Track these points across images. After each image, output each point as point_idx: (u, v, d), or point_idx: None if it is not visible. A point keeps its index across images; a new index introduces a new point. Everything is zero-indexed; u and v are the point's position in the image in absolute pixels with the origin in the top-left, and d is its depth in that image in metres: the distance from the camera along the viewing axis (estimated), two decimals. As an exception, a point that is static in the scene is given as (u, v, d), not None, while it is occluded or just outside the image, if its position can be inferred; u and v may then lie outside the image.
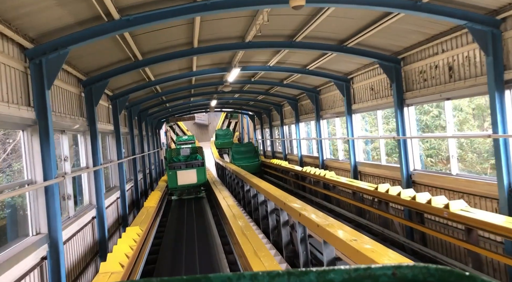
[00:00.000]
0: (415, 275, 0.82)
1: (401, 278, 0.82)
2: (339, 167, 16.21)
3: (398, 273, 0.82)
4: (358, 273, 0.83)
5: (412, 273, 0.82)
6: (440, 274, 0.81)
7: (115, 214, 12.85)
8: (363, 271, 0.83)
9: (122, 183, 13.53)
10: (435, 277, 0.81)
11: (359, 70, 13.29)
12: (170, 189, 18.35)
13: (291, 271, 0.84)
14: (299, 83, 17.65)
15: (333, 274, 0.83)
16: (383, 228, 10.52)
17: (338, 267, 0.85)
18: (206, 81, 17.36)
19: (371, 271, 0.83)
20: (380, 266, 0.84)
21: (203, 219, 14.45)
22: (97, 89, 10.14)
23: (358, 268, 0.84)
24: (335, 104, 16.09)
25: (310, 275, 0.83)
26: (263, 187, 12.16)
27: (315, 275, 0.83)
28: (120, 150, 13.52)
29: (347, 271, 0.84)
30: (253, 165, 23.68)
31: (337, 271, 0.83)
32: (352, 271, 0.83)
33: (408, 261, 3.39)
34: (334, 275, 0.83)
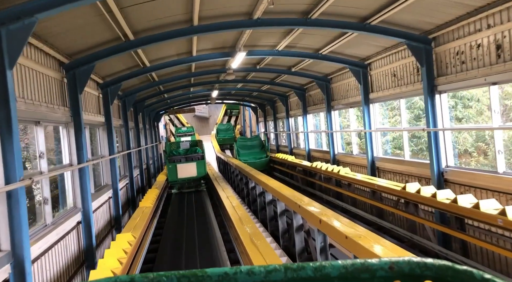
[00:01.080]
0: (412, 269, 0.82)
1: (398, 272, 0.82)
2: (353, 162, 14.83)
3: (395, 267, 0.82)
4: (355, 267, 0.83)
5: (409, 267, 0.82)
6: (437, 268, 0.81)
7: (106, 216, 11.50)
8: (360, 265, 0.83)
9: (115, 180, 12.17)
10: (432, 271, 0.81)
11: (378, 54, 11.85)
12: (170, 182, 18.07)
13: (288, 265, 0.84)
14: (309, 71, 16.22)
15: (329, 268, 0.83)
16: (411, 233, 9.17)
17: (335, 262, 0.84)
18: (207, 68, 15.93)
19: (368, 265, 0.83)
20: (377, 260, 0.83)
21: (204, 220, 13.11)
22: (82, 74, 8.74)
23: (355, 262, 0.83)
24: (348, 94, 14.68)
25: (307, 269, 0.83)
26: (272, 186, 10.83)
27: (311, 270, 0.83)
28: (112, 144, 12.14)
29: (344, 265, 0.83)
30: (260, 162, 21.61)
31: (333, 266, 0.83)
32: (349, 265, 0.83)
33: None
34: (331, 269, 0.83)
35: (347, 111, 15.55)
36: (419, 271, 0.82)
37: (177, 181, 17.87)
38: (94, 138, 12.05)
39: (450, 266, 0.81)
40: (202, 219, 13.34)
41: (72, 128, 8.68)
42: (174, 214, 14.61)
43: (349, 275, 0.83)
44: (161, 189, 16.67)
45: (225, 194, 13.39)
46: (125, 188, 14.96)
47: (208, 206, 15.71)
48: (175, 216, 14.29)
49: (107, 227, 11.51)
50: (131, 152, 15.60)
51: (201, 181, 18.32)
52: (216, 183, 16.60)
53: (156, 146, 29.10)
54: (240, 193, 17.58)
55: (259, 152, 22.71)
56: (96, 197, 10.42)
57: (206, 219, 13.26)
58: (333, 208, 12.56)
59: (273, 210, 12.25)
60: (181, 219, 13.70)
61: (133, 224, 9.98)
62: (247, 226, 9.04)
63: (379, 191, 10.64)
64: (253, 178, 14.06)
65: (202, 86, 21.37)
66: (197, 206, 15.74)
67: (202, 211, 14.40)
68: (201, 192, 18.37)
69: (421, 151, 20.82)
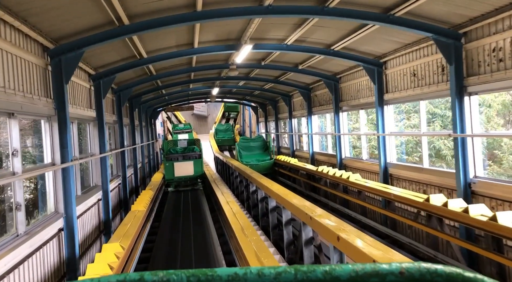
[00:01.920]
0: (423, 274, 0.82)
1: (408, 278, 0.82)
2: (362, 167, 13.85)
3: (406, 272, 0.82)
4: (365, 271, 0.83)
5: (420, 272, 0.82)
6: (448, 275, 0.81)
7: (94, 220, 10.47)
8: (370, 269, 0.83)
9: (105, 181, 11.13)
10: (443, 277, 0.81)
11: (397, 51, 10.87)
12: (166, 180, 17.92)
13: (298, 267, 0.85)
14: (316, 69, 15.23)
15: (340, 272, 0.83)
16: (434, 250, 8.18)
17: (345, 265, 0.85)
18: (208, 63, 14.92)
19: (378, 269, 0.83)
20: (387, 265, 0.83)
21: (202, 228, 12.09)
22: (69, 62, 7.70)
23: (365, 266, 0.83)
24: (360, 94, 13.69)
25: (317, 271, 0.83)
26: (277, 192, 9.85)
27: (322, 272, 0.83)
28: (103, 141, 11.10)
29: (354, 269, 0.83)
30: (264, 164, 19.94)
31: (344, 269, 0.83)
32: (359, 269, 0.83)
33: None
34: (341, 272, 0.83)
35: (355, 113, 14.57)
36: (429, 277, 0.82)
37: (174, 179, 17.66)
38: (84, 134, 11.02)
39: (461, 273, 0.80)
40: (199, 225, 12.32)
41: (56, 123, 7.64)
42: (169, 218, 13.60)
43: (359, 279, 0.82)
44: (156, 190, 15.64)
45: (225, 199, 12.38)
46: (117, 189, 13.93)
47: (206, 208, 14.73)
48: (170, 220, 13.28)
49: (95, 232, 10.47)
50: (124, 150, 14.57)
51: (198, 180, 18.09)
52: (214, 185, 15.59)
53: (153, 144, 28.05)
54: (239, 195, 16.62)
55: (262, 154, 21.10)
56: (83, 199, 9.39)
57: (204, 225, 12.25)
58: (341, 217, 11.57)
59: (276, 217, 11.31)
60: (177, 224, 12.68)
61: (123, 231, 8.96)
62: (250, 238, 8.04)
63: (395, 201, 9.65)
64: (254, 181, 13.08)
65: (202, 83, 20.35)
66: (194, 210, 14.75)
67: (199, 216, 13.38)
68: (197, 190, 17.86)
69: (429, 157, 19.85)
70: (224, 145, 35.08)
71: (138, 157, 19.56)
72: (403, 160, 13.31)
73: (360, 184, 11.35)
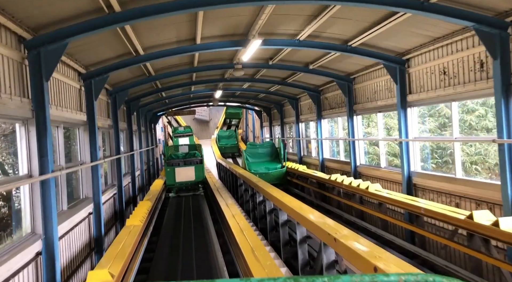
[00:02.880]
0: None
1: None
2: (380, 176, 12.63)
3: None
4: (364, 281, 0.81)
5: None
6: None
7: (84, 238, 9.27)
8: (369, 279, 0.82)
9: (97, 192, 9.95)
10: None
11: (423, 47, 9.70)
12: (168, 186, 17.75)
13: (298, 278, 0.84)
14: (328, 69, 14.06)
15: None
16: (480, 278, 6.96)
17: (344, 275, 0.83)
18: (211, 63, 13.76)
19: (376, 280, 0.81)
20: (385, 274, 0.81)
21: (205, 241, 10.88)
22: (50, 55, 6.54)
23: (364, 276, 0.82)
24: (377, 96, 12.51)
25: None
26: (289, 205, 8.72)
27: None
28: (95, 148, 9.93)
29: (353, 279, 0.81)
30: (275, 173, 17.27)
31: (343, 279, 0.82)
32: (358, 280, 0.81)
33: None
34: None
35: (366, 117, 13.39)
36: None
37: (175, 184, 17.54)
38: (73, 141, 9.86)
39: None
40: (202, 239, 11.11)
41: (34, 127, 6.46)
42: (169, 232, 12.38)
43: None
44: (155, 200, 14.43)
45: (230, 211, 11.16)
46: (112, 200, 12.74)
47: (208, 219, 13.53)
48: (169, 235, 12.06)
49: (85, 250, 9.27)
50: (120, 157, 13.39)
51: (199, 185, 17.93)
52: (217, 194, 14.38)
53: (153, 149, 26.90)
54: (244, 204, 15.47)
55: (272, 161, 18.27)
56: (70, 215, 8.20)
57: (207, 240, 11.03)
58: (357, 230, 10.39)
59: (287, 232, 10.13)
60: (177, 238, 11.46)
61: (115, 250, 7.73)
62: (263, 262, 6.82)
63: (426, 216, 8.44)
64: (261, 190, 11.97)
65: (204, 85, 19.21)
66: (195, 220, 13.54)
67: (201, 229, 12.15)
68: (198, 196, 17.27)
69: (445, 164, 18.62)
70: (227, 152, 33.27)
71: (136, 163, 18.38)
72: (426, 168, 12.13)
73: (381, 195, 10.14)
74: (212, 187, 17.06)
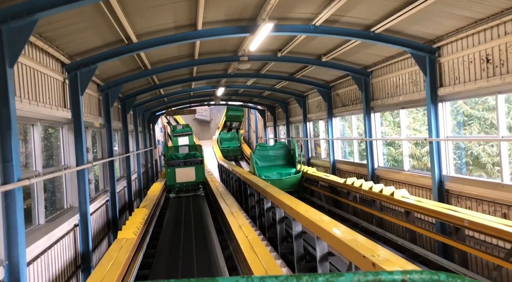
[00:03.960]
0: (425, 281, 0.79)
1: None
2: (402, 180, 11.31)
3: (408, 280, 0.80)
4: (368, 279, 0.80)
5: (422, 280, 0.80)
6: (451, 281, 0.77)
7: (68, 254, 7.94)
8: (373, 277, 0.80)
9: (84, 201, 8.62)
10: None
11: (460, 31, 8.37)
12: (168, 186, 17.65)
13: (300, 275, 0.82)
14: (343, 62, 12.75)
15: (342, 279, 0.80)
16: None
17: (347, 273, 0.82)
18: (214, 55, 12.44)
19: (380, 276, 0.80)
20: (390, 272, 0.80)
21: (208, 255, 9.56)
22: (15, 34, 5.23)
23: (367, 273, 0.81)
24: (399, 90, 11.19)
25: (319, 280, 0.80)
26: (307, 216, 7.46)
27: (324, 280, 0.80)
28: (81, 150, 8.61)
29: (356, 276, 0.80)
30: (289, 180, 14.93)
31: (346, 276, 0.80)
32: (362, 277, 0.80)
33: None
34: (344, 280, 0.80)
35: (381, 115, 12.07)
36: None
37: (176, 185, 17.42)
38: (54, 141, 8.54)
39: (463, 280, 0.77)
40: (204, 251, 9.80)
41: (-6, 125, 5.14)
42: (167, 244, 11.07)
43: None
44: (152, 206, 13.11)
45: (237, 221, 9.84)
46: (104, 207, 11.42)
47: (211, 227, 12.24)
48: (168, 248, 10.74)
49: (69, 269, 7.95)
50: (113, 160, 12.07)
51: (199, 185, 17.75)
52: (221, 200, 13.05)
53: (151, 151, 25.60)
54: (250, 210, 14.19)
55: (286, 165, 15.87)
56: (48, 230, 6.87)
57: (210, 253, 9.71)
58: (378, 240, 9.09)
59: (302, 245, 8.86)
60: (176, 250, 10.14)
61: (102, 271, 6.44)
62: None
63: (469, 229, 7.12)
64: (269, 196, 10.68)
65: (206, 81, 17.91)
66: (197, 229, 12.24)
67: (203, 241, 10.82)
68: (198, 197, 16.85)
69: (465, 165, 17.23)
70: (230, 156, 31.10)
71: (133, 166, 17.08)
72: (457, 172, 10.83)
73: (410, 203, 8.81)
74: (215, 191, 15.75)
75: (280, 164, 15.90)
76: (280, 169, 15.34)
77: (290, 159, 16.03)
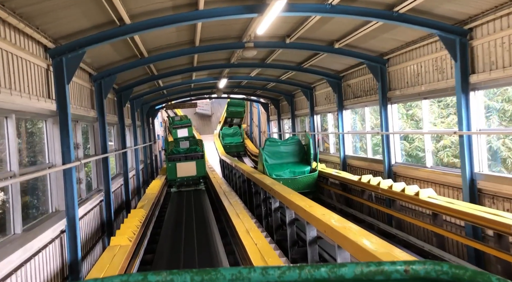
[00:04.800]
0: (428, 272, 0.80)
1: (413, 275, 0.80)
2: (424, 178, 10.29)
3: (411, 270, 0.80)
4: (370, 269, 0.81)
5: (425, 270, 0.80)
6: (454, 272, 0.79)
7: (52, 265, 6.95)
8: (375, 267, 0.81)
9: (71, 204, 7.61)
10: (448, 274, 0.79)
11: (499, 9, 7.31)
12: (169, 181, 17.70)
13: (303, 265, 0.83)
14: (357, 49, 11.69)
15: (344, 270, 0.81)
16: None
17: (349, 263, 0.82)
18: (217, 41, 11.39)
19: (383, 267, 0.81)
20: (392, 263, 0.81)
21: (211, 261, 8.57)
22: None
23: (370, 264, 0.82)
24: (422, 79, 10.14)
25: (321, 270, 0.81)
26: (327, 223, 6.48)
27: (326, 270, 0.81)
28: (68, 146, 7.59)
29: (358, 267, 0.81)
30: (304, 180, 13.11)
31: (348, 267, 0.81)
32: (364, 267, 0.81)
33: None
34: (346, 270, 0.81)
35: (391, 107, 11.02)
36: (434, 274, 0.79)
37: (177, 179, 17.41)
38: (36, 136, 7.53)
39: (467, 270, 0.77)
40: (207, 257, 8.82)
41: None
42: (167, 247, 10.10)
43: (363, 277, 0.80)
44: (151, 206, 12.13)
45: (243, 225, 8.85)
46: (98, 209, 10.44)
47: (215, 231, 11.28)
48: (168, 251, 9.77)
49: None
50: (107, 156, 11.06)
51: (200, 180, 17.69)
52: (225, 200, 12.04)
53: (151, 146, 24.60)
54: (255, 209, 13.27)
55: (299, 163, 13.90)
56: (24, 241, 5.86)
57: (213, 259, 8.74)
58: (397, 244, 8.11)
59: (317, 252, 7.92)
60: (177, 260, 9.15)
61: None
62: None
63: None
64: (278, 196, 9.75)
65: (207, 72, 16.86)
66: (199, 231, 11.27)
67: (207, 249, 9.83)
68: (199, 191, 16.80)
69: (503, 162, 15.99)
70: (232, 152, 29.60)
71: (131, 163, 16.10)
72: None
73: (439, 204, 7.80)
74: (217, 189, 14.76)
75: (292, 161, 14.09)
76: (293, 167, 13.59)
77: (304, 156, 14.21)
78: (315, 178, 13.18)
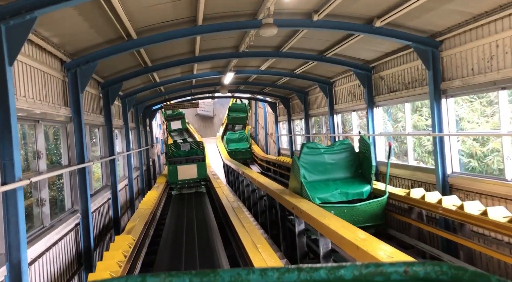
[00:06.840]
0: (427, 273, 0.78)
1: (413, 276, 0.79)
2: (501, 194, 7.77)
3: (410, 271, 0.79)
4: (369, 270, 0.80)
5: (424, 270, 0.79)
6: (453, 272, 0.77)
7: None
8: (374, 268, 0.80)
9: (16, 244, 5.14)
10: (448, 275, 0.77)
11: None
12: (170, 184, 17.87)
13: (301, 267, 0.82)
14: (401, 28, 9.22)
15: (343, 271, 0.80)
16: None
17: (348, 264, 0.81)
18: (225, 20, 8.94)
19: (382, 268, 0.80)
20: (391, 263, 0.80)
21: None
22: None
23: (369, 264, 0.80)
24: (495, 64, 7.67)
25: (320, 271, 0.80)
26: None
27: (325, 272, 0.80)
28: (10, 158, 5.12)
29: (358, 268, 0.80)
30: (368, 207, 8.70)
31: (347, 268, 0.80)
32: (363, 268, 0.80)
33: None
34: (345, 271, 0.80)
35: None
36: (434, 275, 0.77)
37: (178, 182, 17.52)
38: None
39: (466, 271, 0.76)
40: None
41: None
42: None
43: (362, 278, 0.79)
44: (143, 226, 9.69)
45: (258, 250, 6.40)
46: (71, 235, 7.96)
47: (221, 251, 8.90)
48: None
49: None
50: (85, 167, 8.58)
51: (201, 182, 17.80)
52: (236, 221, 9.55)
53: (148, 150, 22.17)
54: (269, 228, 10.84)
55: (352, 180, 9.46)
56: None
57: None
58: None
59: None
60: None
61: None
62: None
63: None
64: (331, 236, 6.91)
65: (211, 64, 14.47)
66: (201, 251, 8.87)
67: None
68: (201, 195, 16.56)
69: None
70: (238, 159, 25.95)
71: (122, 172, 13.68)
72: None
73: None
74: (224, 203, 12.35)
75: (342, 176, 9.58)
76: (344, 186, 9.21)
77: (359, 168, 9.80)
78: (383, 206, 8.91)
